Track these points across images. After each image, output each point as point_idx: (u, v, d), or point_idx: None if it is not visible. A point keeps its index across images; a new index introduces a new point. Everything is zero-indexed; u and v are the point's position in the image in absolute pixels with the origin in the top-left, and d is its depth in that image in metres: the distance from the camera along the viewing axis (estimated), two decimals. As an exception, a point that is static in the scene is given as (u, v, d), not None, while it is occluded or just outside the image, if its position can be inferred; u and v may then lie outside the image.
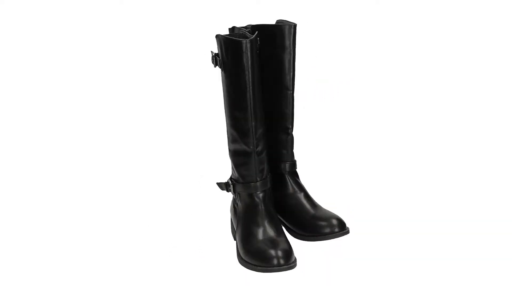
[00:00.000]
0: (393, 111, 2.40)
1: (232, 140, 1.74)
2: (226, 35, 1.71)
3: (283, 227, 1.80)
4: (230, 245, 1.80)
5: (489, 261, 1.66)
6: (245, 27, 1.80)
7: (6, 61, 2.42)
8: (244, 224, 1.72)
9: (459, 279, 1.59)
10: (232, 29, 1.79)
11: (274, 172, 1.84)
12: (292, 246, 1.66)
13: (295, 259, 1.64)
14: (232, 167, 1.78)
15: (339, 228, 1.78)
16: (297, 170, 1.88)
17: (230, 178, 1.80)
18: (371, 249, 1.74)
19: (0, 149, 2.33)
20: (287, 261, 1.62)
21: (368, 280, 1.60)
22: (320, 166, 2.23)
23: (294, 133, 1.86)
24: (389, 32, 2.43)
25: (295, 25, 1.80)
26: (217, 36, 1.70)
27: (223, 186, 1.80)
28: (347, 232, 1.79)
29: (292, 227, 1.83)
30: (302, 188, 1.86)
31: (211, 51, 1.74)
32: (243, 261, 1.68)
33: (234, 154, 1.75)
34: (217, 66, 1.72)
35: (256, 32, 1.72)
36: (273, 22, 1.83)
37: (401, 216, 1.93)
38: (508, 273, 1.60)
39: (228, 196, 1.87)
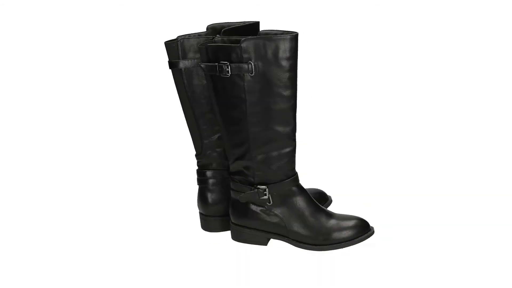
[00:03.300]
0: (390, 111, 2.40)
1: (264, 143, 1.70)
2: (248, 38, 1.64)
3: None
4: (235, 249, 1.80)
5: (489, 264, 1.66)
6: (199, 35, 1.79)
7: (6, 61, 2.43)
8: (302, 215, 1.72)
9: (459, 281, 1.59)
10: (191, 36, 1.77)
11: None
12: None
13: (372, 226, 1.75)
14: (259, 170, 1.73)
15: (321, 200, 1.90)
16: None
17: (253, 185, 1.75)
18: (370, 250, 1.74)
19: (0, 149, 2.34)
20: (368, 227, 1.74)
21: (367, 279, 1.60)
22: (317, 165, 2.23)
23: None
24: (389, 34, 2.43)
25: (258, 23, 1.80)
26: (245, 40, 1.62)
27: (254, 195, 1.74)
28: (330, 201, 1.94)
29: None
30: None
31: (201, 64, 1.69)
32: (325, 246, 1.70)
33: (267, 157, 1.72)
34: (224, 75, 1.66)
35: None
36: (271, 23, 1.83)
37: (399, 216, 1.92)
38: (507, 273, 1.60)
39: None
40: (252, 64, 1.64)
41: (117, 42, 2.43)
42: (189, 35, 1.80)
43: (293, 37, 1.65)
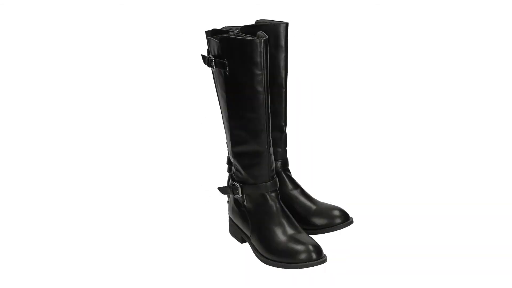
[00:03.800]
0: (388, 111, 2.40)
1: (238, 142, 1.71)
2: (228, 35, 1.67)
3: None
4: (232, 246, 1.81)
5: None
6: (231, 28, 1.78)
7: (6, 61, 2.43)
8: (262, 224, 1.71)
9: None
10: (215, 31, 1.76)
11: None
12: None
13: (325, 254, 1.66)
14: (237, 170, 1.75)
15: (342, 219, 1.82)
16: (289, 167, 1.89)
17: (233, 181, 1.77)
18: (371, 244, 1.75)
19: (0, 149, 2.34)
20: (319, 256, 1.64)
21: (370, 275, 1.61)
22: (313, 163, 2.23)
23: (287, 130, 1.87)
24: (389, 34, 2.43)
25: (287, 24, 1.80)
26: (222, 38, 1.65)
27: (228, 190, 1.78)
28: (351, 222, 1.84)
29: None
30: (297, 185, 1.87)
31: (202, 54, 1.72)
32: (269, 260, 1.67)
33: (242, 156, 1.72)
34: (212, 68, 1.70)
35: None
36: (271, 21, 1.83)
37: (397, 212, 1.93)
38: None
39: (223, 198, 1.88)
40: (227, 62, 1.65)
41: (177, 29, 2.40)
42: (236, 27, 1.79)
43: (262, 42, 1.64)
